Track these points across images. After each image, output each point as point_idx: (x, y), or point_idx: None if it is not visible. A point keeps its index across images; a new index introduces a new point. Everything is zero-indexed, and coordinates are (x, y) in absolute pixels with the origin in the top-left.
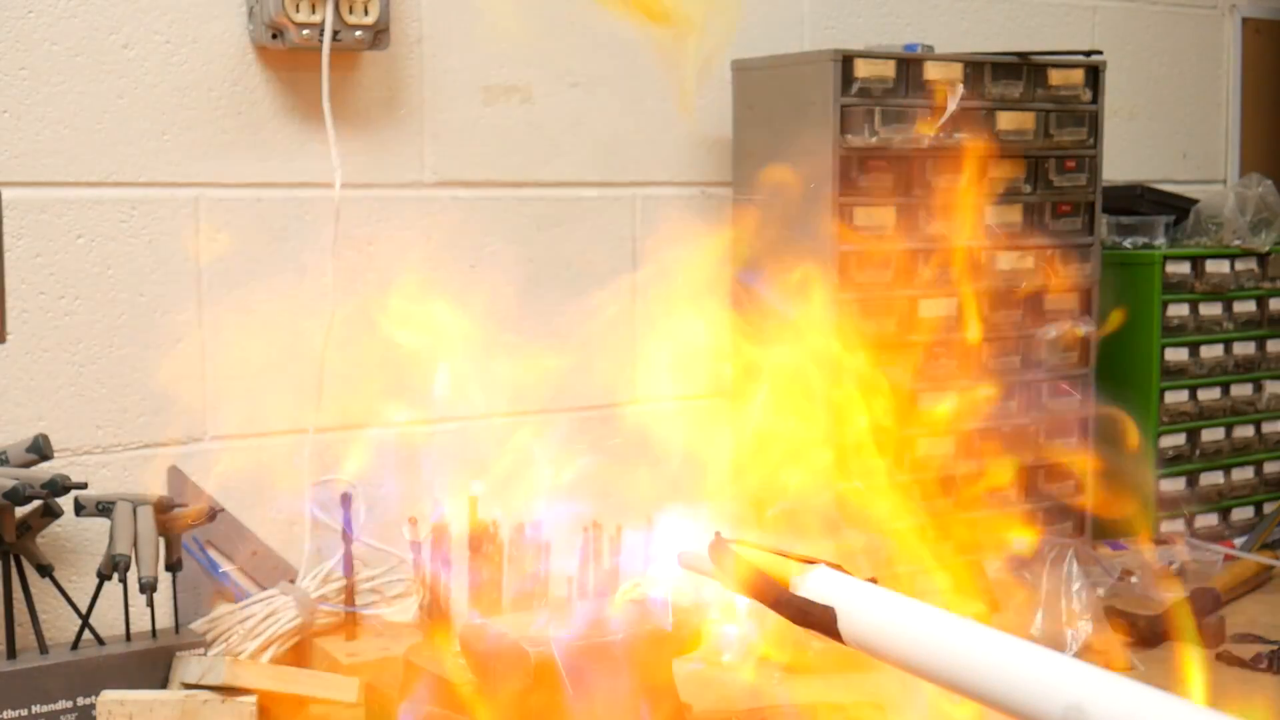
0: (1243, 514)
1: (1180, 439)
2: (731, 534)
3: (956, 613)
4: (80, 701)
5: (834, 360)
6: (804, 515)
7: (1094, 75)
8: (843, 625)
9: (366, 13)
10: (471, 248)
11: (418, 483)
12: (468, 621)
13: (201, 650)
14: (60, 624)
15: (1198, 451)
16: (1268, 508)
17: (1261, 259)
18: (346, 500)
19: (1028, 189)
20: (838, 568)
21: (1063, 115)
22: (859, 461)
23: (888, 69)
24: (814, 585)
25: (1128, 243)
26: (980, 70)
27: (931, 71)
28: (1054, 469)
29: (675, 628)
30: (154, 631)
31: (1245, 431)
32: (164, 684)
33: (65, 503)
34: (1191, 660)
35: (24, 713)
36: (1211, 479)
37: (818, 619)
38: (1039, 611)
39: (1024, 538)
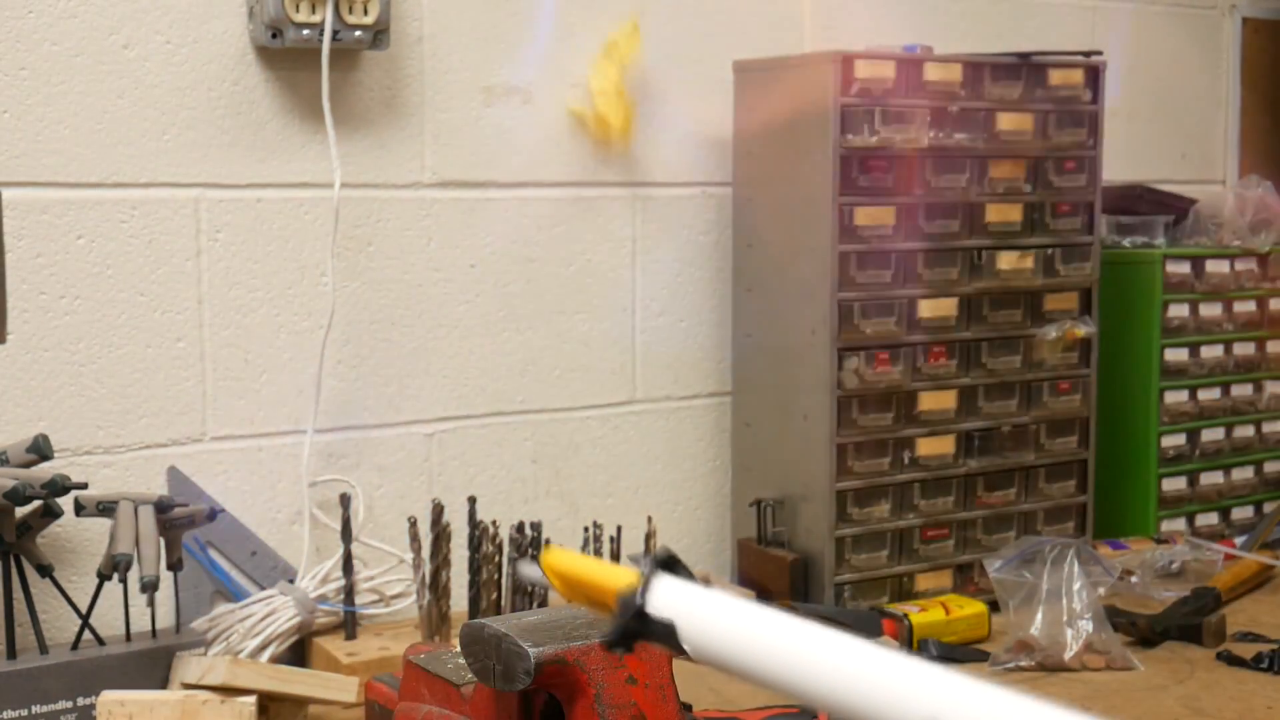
0: (1243, 514)
1: (1180, 439)
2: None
3: (956, 612)
4: (80, 701)
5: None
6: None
7: (1094, 75)
8: (685, 638)
9: (366, 13)
10: (471, 248)
11: (418, 483)
12: (467, 621)
13: (201, 650)
14: (60, 624)
15: (1198, 451)
16: (1268, 507)
17: (1261, 259)
18: (346, 500)
19: (1028, 189)
20: (680, 575)
21: (1062, 115)
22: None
23: (888, 69)
24: (653, 597)
25: (1127, 242)
26: (980, 70)
27: (931, 71)
28: (1054, 469)
29: None
30: (154, 631)
31: (1245, 431)
32: (164, 684)
33: (65, 503)
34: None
35: (24, 713)
36: (1211, 479)
37: (658, 633)
38: (1039, 611)
39: (1024, 537)
